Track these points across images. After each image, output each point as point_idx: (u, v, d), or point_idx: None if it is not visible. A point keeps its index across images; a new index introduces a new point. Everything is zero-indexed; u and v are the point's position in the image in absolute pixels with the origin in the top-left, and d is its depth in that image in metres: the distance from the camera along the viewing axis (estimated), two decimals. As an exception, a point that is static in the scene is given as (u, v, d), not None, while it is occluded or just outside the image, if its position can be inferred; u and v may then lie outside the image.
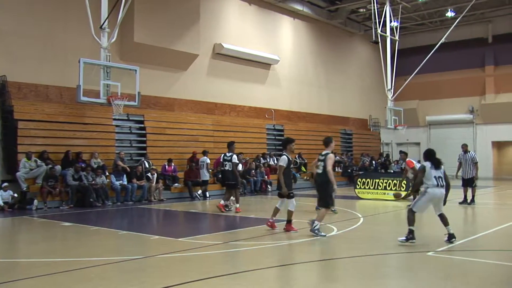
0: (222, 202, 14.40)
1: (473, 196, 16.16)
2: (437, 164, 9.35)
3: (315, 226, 9.92)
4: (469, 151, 16.58)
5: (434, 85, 35.08)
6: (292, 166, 10.53)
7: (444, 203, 9.39)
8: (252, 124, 25.26)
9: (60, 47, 18.31)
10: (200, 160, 19.28)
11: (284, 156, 10.48)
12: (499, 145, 34.50)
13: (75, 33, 18.21)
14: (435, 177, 9.23)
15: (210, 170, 19.68)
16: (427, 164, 9.39)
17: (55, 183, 15.88)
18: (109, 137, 19.11)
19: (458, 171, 16.48)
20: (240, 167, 17.21)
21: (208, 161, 19.18)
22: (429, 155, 9.55)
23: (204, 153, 19.29)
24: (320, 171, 10.34)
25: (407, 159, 16.11)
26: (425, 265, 7.61)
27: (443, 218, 9.32)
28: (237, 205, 14.40)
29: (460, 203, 16.17)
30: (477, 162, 16.27)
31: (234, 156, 14.43)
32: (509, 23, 32.99)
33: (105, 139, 18.94)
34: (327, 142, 10.73)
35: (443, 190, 9.29)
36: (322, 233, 9.83)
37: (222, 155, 14.70)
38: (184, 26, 21.58)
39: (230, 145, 14.70)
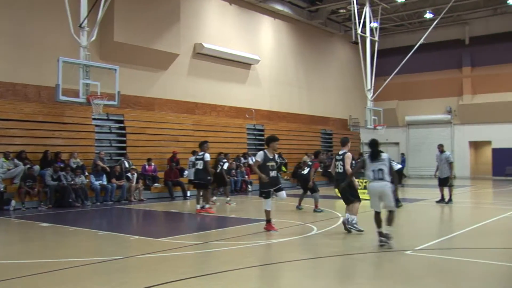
0: (198, 206, 14.23)
1: (450, 196, 16.37)
2: (373, 156, 8.93)
3: (352, 221, 10.16)
4: (445, 151, 16.74)
5: (413, 85, 35.50)
6: (271, 164, 10.45)
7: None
8: (233, 124, 25.28)
9: (38, 46, 18.09)
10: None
11: (261, 152, 10.55)
12: (476, 145, 35.06)
13: (54, 31, 18.02)
14: (372, 170, 8.84)
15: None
16: (366, 156, 9.11)
17: (33, 183, 15.71)
18: (88, 137, 18.97)
19: (437, 171, 16.70)
20: (225, 166, 17.22)
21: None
22: (370, 145, 9.11)
23: (225, 155, 21.05)
24: (340, 170, 10.67)
25: None
26: (403, 263, 7.73)
27: (388, 216, 8.80)
28: (207, 205, 14.23)
29: (437, 202, 16.44)
30: (452, 162, 16.50)
31: (207, 155, 14.29)
32: (485, 25, 33.58)
33: (84, 138, 18.80)
34: (344, 142, 11.16)
35: (381, 184, 8.75)
36: (361, 228, 10.08)
37: (194, 154, 14.56)
38: (164, 25, 21.51)
39: (202, 144, 14.62)
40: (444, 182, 16.42)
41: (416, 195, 20.08)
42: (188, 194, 19.16)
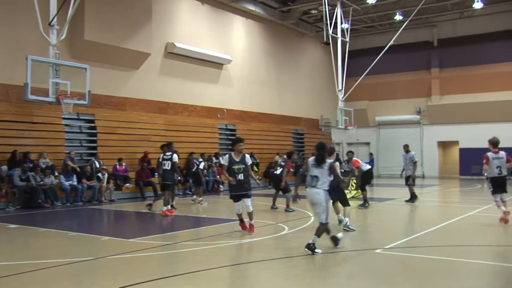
0: (164, 208, 13.95)
1: (411, 194, 16.83)
2: (316, 160, 8.37)
3: (346, 223, 10.48)
4: (410, 151, 17.18)
5: (383, 86, 36.00)
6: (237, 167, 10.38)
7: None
8: (205, 124, 25.25)
9: (6, 43, 17.76)
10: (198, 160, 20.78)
11: (226, 155, 10.60)
12: (444, 145, 35.76)
13: (23, 29, 17.72)
14: (310, 175, 8.35)
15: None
16: (310, 160, 8.57)
17: (1, 184, 15.44)
18: (58, 137, 18.71)
19: (403, 171, 17.10)
20: (202, 165, 17.19)
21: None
22: (316, 148, 8.52)
23: (202, 155, 21.73)
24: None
25: (353, 159, 16.31)
26: (373, 262, 7.88)
27: (318, 228, 8.34)
28: (164, 208, 13.78)
29: (406, 201, 16.80)
30: (416, 162, 16.92)
31: (175, 156, 14.19)
32: (452, 28, 34.32)
33: (54, 138, 18.53)
34: (331, 151, 10.28)
35: (314, 191, 8.27)
36: (352, 227, 10.53)
37: (161, 155, 14.39)
38: (136, 24, 21.36)
39: (170, 145, 14.52)
40: (407, 180, 16.88)
41: (386, 194, 20.41)
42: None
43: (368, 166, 16.41)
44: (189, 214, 14.15)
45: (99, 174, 18.15)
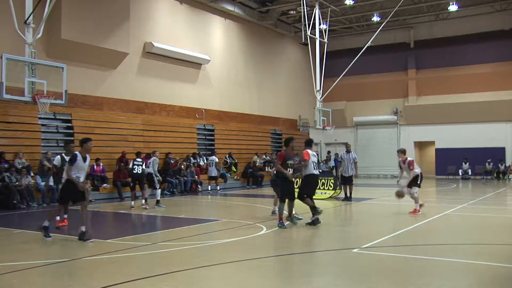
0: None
1: (350, 193, 17.55)
2: None
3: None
4: (351, 151, 18.23)
5: (361, 86, 36.32)
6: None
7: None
8: (183, 124, 25.16)
9: (-20, 42, 17.47)
10: (209, 158, 23.33)
11: (58, 156, 11.01)
12: (420, 145, 36.21)
13: (-3, 27, 17.44)
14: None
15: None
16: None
17: (-25, 185, 15.20)
18: (34, 137, 18.46)
19: (340, 169, 18.09)
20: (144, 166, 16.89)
21: (217, 160, 23.35)
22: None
23: (213, 152, 24.09)
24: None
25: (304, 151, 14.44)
26: (351, 261, 7.95)
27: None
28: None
29: (342, 200, 17.50)
30: (357, 162, 17.87)
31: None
32: (428, 30, 34.84)
33: (30, 138, 18.28)
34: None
35: None
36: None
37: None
38: (113, 23, 21.18)
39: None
40: (348, 180, 17.64)
41: (363, 194, 20.58)
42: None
43: (315, 172, 12.05)
44: (167, 214, 14.08)
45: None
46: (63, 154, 10.36)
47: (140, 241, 9.70)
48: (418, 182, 14.15)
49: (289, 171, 11.25)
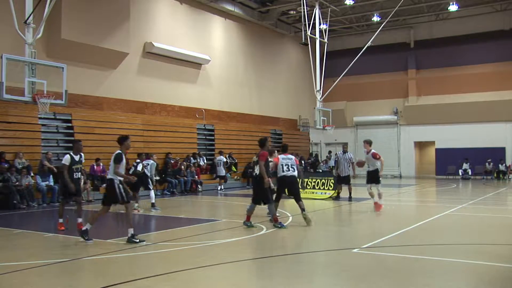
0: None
1: (350, 193, 17.57)
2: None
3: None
4: (347, 152, 18.26)
5: (361, 87, 36.32)
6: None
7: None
8: (183, 124, 25.15)
9: (-20, 42, 17.47)
10: (217, 158, 23.88)
11: (67, 155, 11.02)
12: (420, 145, 36.23)
13: (-3, 27, 17.44)
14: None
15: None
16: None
17: (-25, 185, 15.20)
18: (34, 137, 18.47)
19: (337, 169, 18.09)
20: (139, 167, 16.60)
21: (224, 159, 23.91)
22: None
23: (220, 152, 24.32)
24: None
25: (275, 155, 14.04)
26: (351, 261, 7.95)
27: None
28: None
29: (333, 199, 17.76)
30: (353, 162, 17.81)
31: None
32: (428, 30, 34.86)
33: (30, 138, 18.29)
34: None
35: None
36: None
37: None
38: (113, 23, 21.19)
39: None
40: (345, 180, 17.72)
41: (363, 194, 20.54)
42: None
43: (293, 173, 12.41)
44: (167, 214, 14.08)
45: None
46: (71, 153, 10.33)
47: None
48: (378, 178, 14.51)
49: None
